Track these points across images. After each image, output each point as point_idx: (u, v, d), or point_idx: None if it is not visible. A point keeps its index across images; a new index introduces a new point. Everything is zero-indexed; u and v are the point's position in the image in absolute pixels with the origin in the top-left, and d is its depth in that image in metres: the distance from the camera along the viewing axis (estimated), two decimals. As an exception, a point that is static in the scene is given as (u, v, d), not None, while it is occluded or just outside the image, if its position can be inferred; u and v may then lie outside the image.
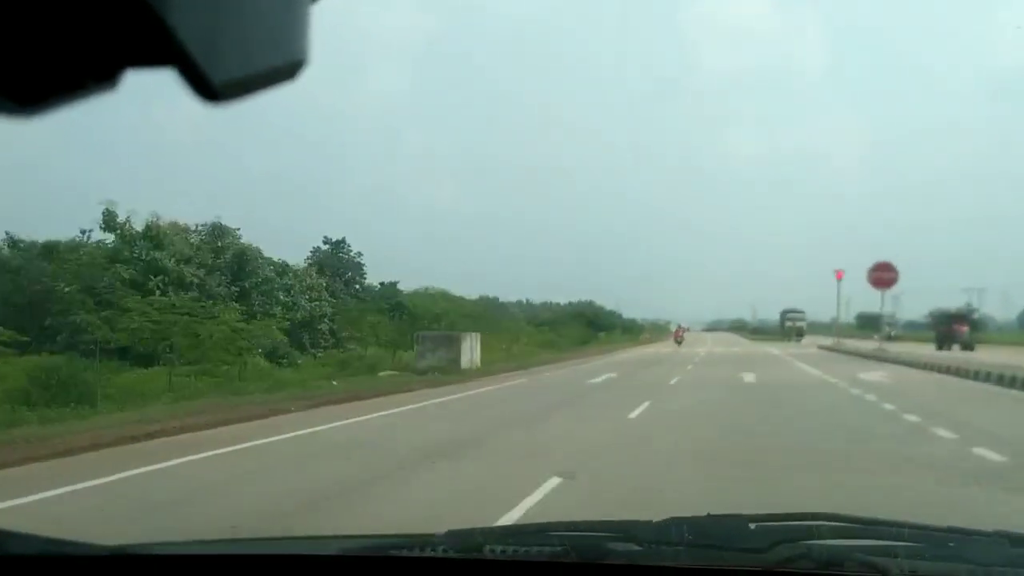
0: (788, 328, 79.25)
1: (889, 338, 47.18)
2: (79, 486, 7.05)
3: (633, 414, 12.81)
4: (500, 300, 64.14)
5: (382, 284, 36.59)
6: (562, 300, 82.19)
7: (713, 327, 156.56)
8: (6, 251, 23.32)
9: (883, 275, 40.65)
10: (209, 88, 0.52)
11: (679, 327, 60.69)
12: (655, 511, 2.13)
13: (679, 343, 53.07)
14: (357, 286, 35.08)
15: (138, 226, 23.28)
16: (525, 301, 76.69)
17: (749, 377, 21.97)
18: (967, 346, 42.73)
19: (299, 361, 23.67)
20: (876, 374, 23.38)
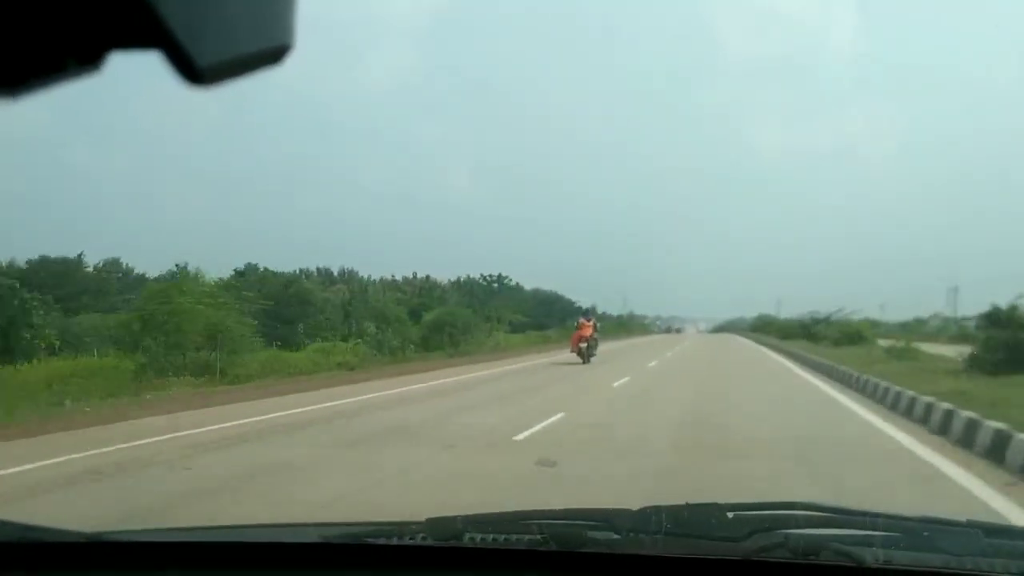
0: None
1: None
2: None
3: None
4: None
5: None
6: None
7: (727, 326, 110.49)
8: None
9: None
10: (194, 71, 0.52)
11: (582, 321, 27.05)
12: None
13: (582, 354, 25.47)
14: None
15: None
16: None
17: None
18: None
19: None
20: None
